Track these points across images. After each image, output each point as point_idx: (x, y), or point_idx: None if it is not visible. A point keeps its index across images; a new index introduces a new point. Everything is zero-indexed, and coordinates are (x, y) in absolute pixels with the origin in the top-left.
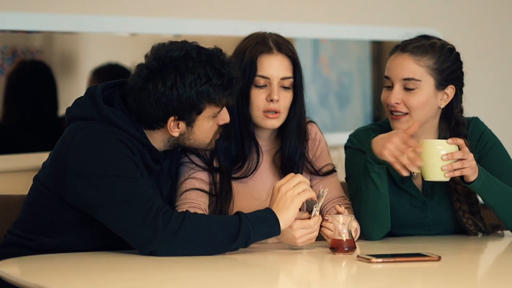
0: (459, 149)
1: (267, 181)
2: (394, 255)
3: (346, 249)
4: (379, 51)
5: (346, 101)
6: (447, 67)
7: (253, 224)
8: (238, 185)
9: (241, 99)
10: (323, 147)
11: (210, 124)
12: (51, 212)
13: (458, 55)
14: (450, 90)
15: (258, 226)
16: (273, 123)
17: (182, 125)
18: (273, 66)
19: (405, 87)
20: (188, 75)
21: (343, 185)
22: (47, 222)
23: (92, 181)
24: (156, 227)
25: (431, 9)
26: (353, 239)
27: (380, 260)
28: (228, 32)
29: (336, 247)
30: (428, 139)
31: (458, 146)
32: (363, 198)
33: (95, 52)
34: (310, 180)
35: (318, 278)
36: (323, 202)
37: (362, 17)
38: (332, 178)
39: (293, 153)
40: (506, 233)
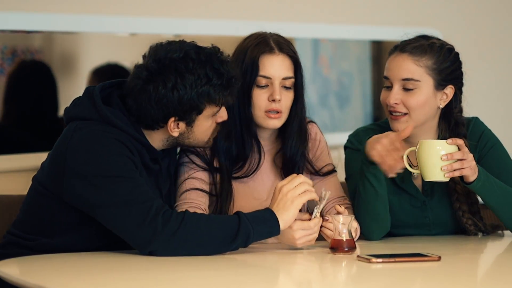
0: (459, 149)
1: (268, 181)
2: (394, 255)
3: (346, 249)
4: (379, 51)
5: (346, 101)
6: (446, 67)
7: (252, 224)
8: (238, 185)
9: (242, 99)
10: (323, 147)
11: (209, 123)
12: (50, 212)
13: (457, 55)
14: (449, 90)
15: (258, 226)
16: (275, 123)
17: (182, 125)
18: (274, 66)
19: (404, 87)
20: (188, 76)
21: (343, 185)
22: (46, 222)
23: (91, 181)
24: (156, 227)
25: (431, 9)
26: (353, 239)
27: (380, 260)
28: (228, 32)
29: (336, 247)
30: (428, 139)
31: (458, 146)
32: (361, 199)
33: (95, 52)
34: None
35: (318, 278)
36: (324, 204)
37: (362, 17)
38: (332, 178)
39: (295, 153)
40: (506, 233)
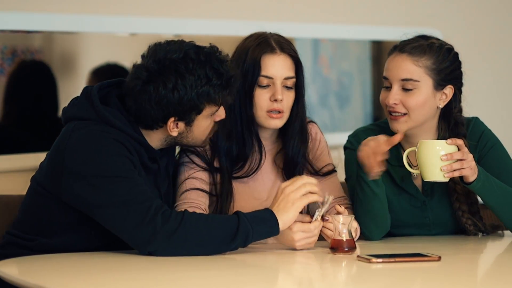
0: (459, 149)
1: (268, 181)
2: (394, 255)
3: (346, 249)
4: (379, 51)
5: (346, 101)
6: (445, 67)
7: (252, 224)
8: (238, 185)
9: (244, 99)
10: (323, 147)
11: (208, 123)
12: (49, 213)
13: (457, 54)
14: (448, 90)
15: (257, 226)
16: (276, 123)
17: (181, 125)
18: (276, 66)
19: (404, 87)
20: (188, 77)
21: (343, 185)
22: (44, 222)
23: (89, 182)
24: (155, 227)
25: (431, 9)
26: (353, 239)
27: (380, 260)
28: (228, 32)
29: (336, 247)
30: (427, 139)
31: (458, 146)
32: (359, 200)
33: (95, 52)
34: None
35: (318, 278)
36: (326, 208)
37: (362, 17)
38: (332, 178)
39: (296, 153)
40: (506, 233)
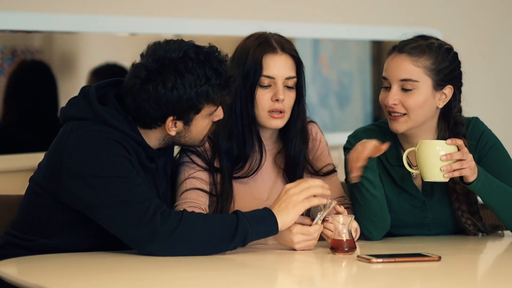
0: (458, 149)
1: (269, 181)
2: (394, 255)
3: (346, 249)
4: (379, 51)
5: (346, 101)
6: (444, 67)
7: (251, 223)
8: (239, 185)
9: (245, 99)
10: (323, 147)
11: (206, 122)
12: (47, 213)
13: (456, 54)
14: (448, 90)
15: (256, 225)
16: (278, 123)
17: (180, 124)
18: (277, 66)
19: (403, 88)
20: (188, 76)
21: (343, 185)
22: (43, 222)
23: (88, 182)
24: (154, 227)
25: (431, 9)
26: (353, 239)
27: (380, 260)
28: (228, 32)
29: (336, 247)
30: (427, 139)
31: (457, 146)
32: (356, 201)
33: (95, 52)
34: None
35: (318, 278)
36: (328, 212)
37: (362, 17)
38: (332, 178)
39: (298, 153)
40: (506, 233)
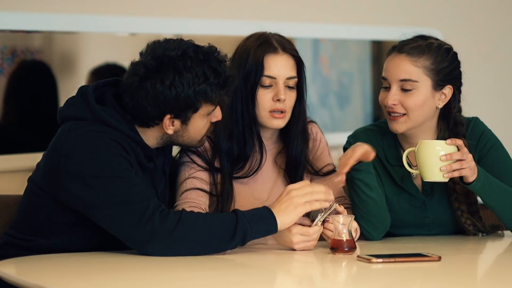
0: (458, 149)
1: (269, 181)
2: (394, 255)
3: (346, 249)
4: (379, 51)
5: (346, 101)
6: (444, 67)
7: (250, 222)
8: (239, 185)
9: (246, 99)
10: (323, 147)
11: (204, 122)
12: (46, 213)
13: (456, 54)
14: (448, 90)
15: (255, 224)
16: (279, 123)
17: (177, 123)
18: (278, 66)
19: (402, 88)
20: (186, 74)
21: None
22: (42, 222)
23: (86, 182)
24: (153, 227)
25: (431, 9)
26: (353, 239)
27: (380, 260)
28: (228, 32)
29: (336, 247)
30: (427, 139)
31: (457, 146)
32: (354, 203)
33: (95, 52)
34: (310, 180)
35: (318, 278)
36: (328, 214)
37: (362, 17)
38: (332, 178)
39: (300, 153)
40: (506, 233)
